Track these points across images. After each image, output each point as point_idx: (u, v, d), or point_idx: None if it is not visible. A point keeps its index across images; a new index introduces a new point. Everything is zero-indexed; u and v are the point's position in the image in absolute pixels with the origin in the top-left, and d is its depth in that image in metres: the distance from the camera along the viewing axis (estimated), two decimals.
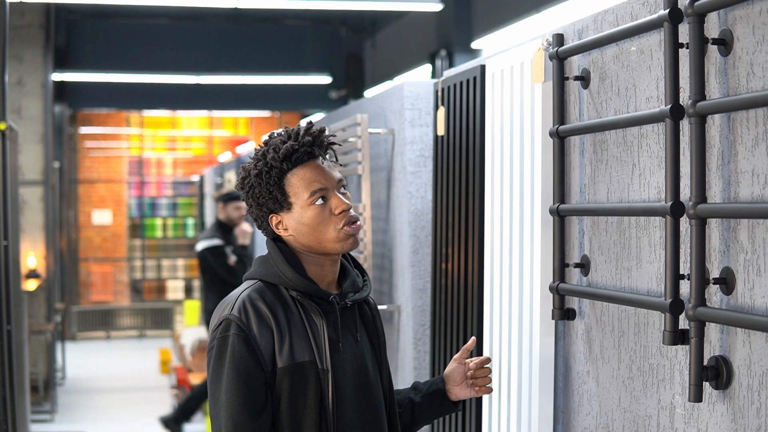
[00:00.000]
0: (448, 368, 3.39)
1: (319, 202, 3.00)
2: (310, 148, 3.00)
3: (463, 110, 4.45)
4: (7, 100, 6.87)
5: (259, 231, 3.18)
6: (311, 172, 3.01)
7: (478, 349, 4.25)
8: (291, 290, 3.02)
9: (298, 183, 3.01)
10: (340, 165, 3.23)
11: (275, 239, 3.12)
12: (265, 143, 3.08)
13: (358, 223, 3.04)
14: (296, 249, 3.07)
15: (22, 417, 7.84)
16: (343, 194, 3.05)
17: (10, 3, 7.73)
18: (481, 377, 3.36)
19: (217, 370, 2.96)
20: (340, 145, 3.25)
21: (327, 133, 3.10)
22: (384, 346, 3.23)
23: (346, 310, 3.10)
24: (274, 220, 3.06)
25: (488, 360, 3.37)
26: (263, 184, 3.02)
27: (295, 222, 3.03)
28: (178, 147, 23.53)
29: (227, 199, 10.32)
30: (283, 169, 3.00)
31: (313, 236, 3.02)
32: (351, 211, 3.03)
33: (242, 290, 3.04)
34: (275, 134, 3.08)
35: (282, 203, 3.02)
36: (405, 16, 16.51)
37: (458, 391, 3.37)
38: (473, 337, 3.38)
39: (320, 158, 3.04)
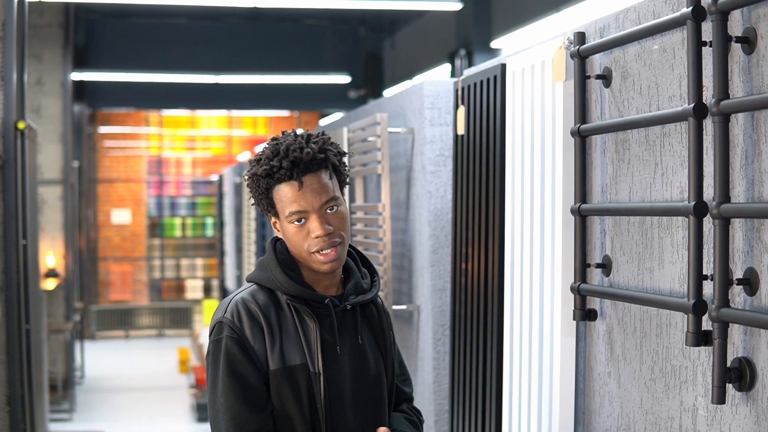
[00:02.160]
0: None
1: (297, 222, 2.99)
2: (289, 171, 2.97)
3: (484, 109, 4.43)
4: (26, 99, 6.87)
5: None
6: (291, 192, 2.98)
7: (498, 351, 4.23)
8: (284, 294, 3.03)
9: (280, 199, 3.01)
10: (346, 176, 3.12)
11: (276, 240, 3.15)
12: (266, 146, 3.05)
13: (335, 249, 2.99)
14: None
15: (40, 416, 7.86)
16: (331, 212, 3.00)
17: (30, 2, 7.75)
18: None
19: (213, 374, 2.99)
20: (340, 160, 3.09)
21: (326, 146, 3.03)
22: (390, 348, 3.21)
23: (346, 312, 3.10)
24: (272, 219, 3.09)
25: None
26: (254, 189, 3.05)
27: (282, 231, 3.06)
28: (198, 146, 23.56)
29: None
30: (270, 182, 3.00)
31: (294, 249, 3.05)
32: (331, 236, 2.98)
33: (237, 293, 3.08)
34: (279, 137, 3.06)
35: (270, 211, 3.05)
36: (424, 16, 16.49)
37: None
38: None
39: (308, 178, 2.98)
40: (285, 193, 2.98)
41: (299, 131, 3.11)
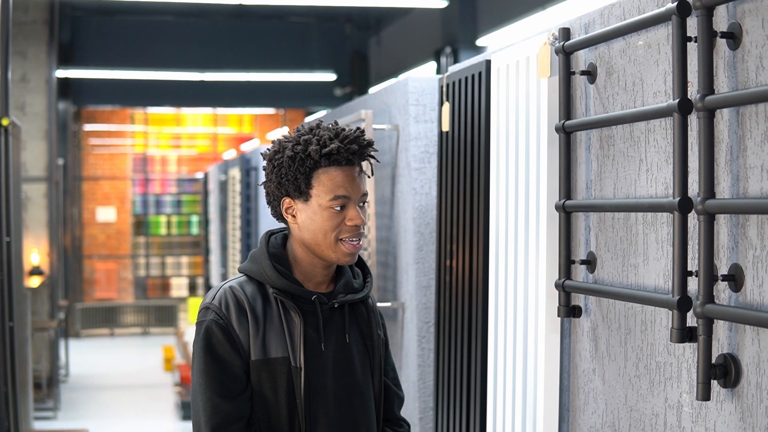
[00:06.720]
0: None
1: (338, 208, 3.00)
2: (351, 155, 3.00)
3: (468, 106, 4.42)
4: (10, 96, 6.85)
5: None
6: (342, 177, 3.00)
7: (483, 349, 4.22)
8: (271, 288, 3.05)
9: (326, 182, 3.00)
10: (369, 176, 3.21)
11: (270, 234, 3.15)
12: (310, 130, 3.06)
13: (361, 242, 3.05)
14: (294, 241, 3.09)
15: (24, 414, 7.83)
16: (361, 207, 3.05)
17: None
18: None
19: (194, 355, 3.04)
20: (377, 161, 3.20)
21: (371, 146, 3.09)
22: (378, 348, 3.19)
23: (334, 310, 3.11)
24: (285, 203, 3.06)
25: None
26: (293, 167, 3.01)
27: (307, 216, 3.03)
28: (183, 144, 23.53)
29: None
30: (320, 163, 3.00)
31: (316, 237, 3.03)
32: (362, 228, 3.04)
33: (227, 282, 3.11)
34: (321, 125, 3.07)
35: (302, 192, 3.02)
36: (410, 13, 16.49)
37: None
38: None
39: (356, 167, 3.04)
40: (334, 177, 2.99)
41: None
